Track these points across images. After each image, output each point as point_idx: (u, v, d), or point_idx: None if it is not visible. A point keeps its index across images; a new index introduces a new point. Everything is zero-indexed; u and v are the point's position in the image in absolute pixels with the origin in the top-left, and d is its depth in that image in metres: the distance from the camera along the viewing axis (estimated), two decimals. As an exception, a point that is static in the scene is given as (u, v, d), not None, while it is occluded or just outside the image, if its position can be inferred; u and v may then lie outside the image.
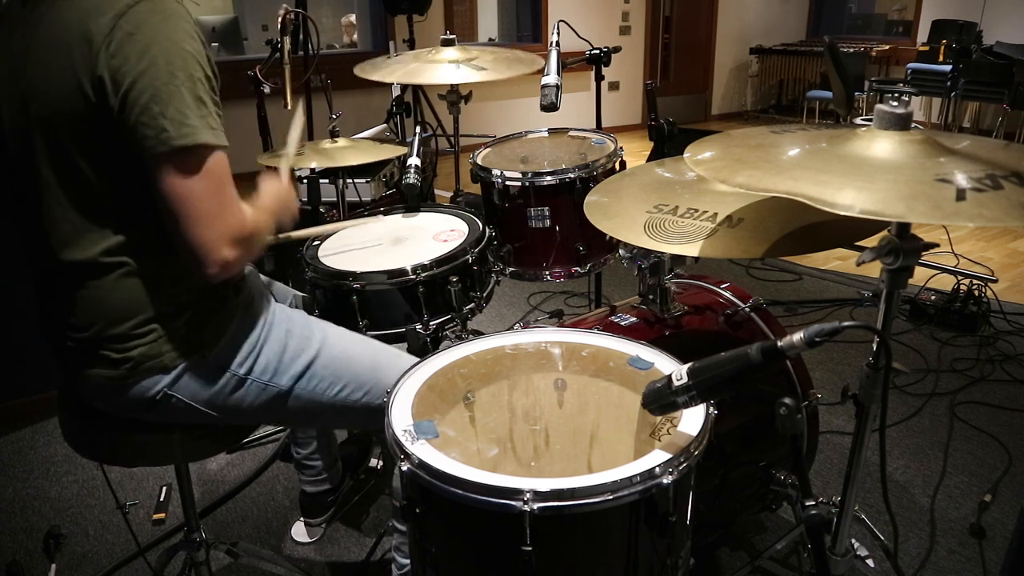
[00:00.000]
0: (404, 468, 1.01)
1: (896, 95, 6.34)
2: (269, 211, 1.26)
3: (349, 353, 1.37)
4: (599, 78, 2.43)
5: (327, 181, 2.69)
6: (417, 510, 1.03)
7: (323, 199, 3.16)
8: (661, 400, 1.01)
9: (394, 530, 1.53)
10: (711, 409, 1.08)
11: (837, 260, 3.94)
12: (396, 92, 3.72)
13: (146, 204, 1.12)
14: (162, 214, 1.09)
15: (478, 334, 1.55)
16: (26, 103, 1.09)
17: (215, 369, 1.24)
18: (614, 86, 7.53)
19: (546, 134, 2.39)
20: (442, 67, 2.33)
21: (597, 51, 2.32)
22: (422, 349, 1.75)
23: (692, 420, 1.07)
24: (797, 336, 0.92)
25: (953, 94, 6.12)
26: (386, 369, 1.37)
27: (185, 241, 1.08)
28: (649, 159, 1.88)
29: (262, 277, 1.63)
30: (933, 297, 3.15)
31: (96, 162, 1.10)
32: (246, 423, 1.40)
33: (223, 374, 1.25)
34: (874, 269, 1.40)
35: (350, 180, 3.39)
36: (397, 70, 2.40)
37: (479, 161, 2.12)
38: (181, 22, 1.07)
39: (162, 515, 2.10)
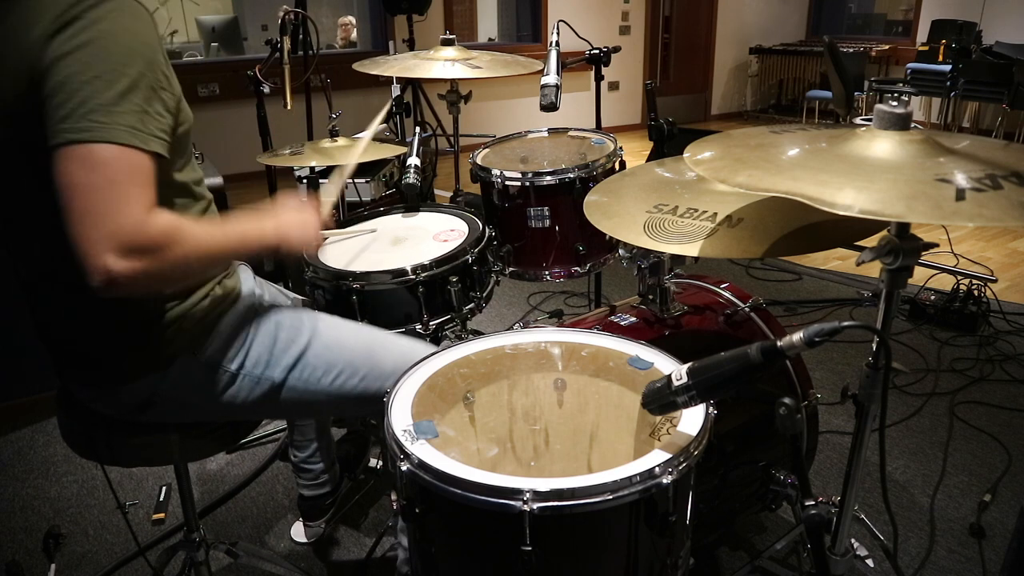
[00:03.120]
0: (404, 468, 1.01)
1: (896, 95, 6.34)
2: (234, 236, 1.13)
3: (341, 340, 1.36)
4: (599, 78, 2.43)
5: (327, 181, 2.69)
6: (417, 510, 1.03)
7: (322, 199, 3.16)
8: (661, 400, 1.01)
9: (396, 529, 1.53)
10: (711, 409, 1.08)
11: (837, 260, 3.94)
12: (396, 92, 3.73)
13: None
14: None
15: (478, 334, 1.55)
16: None
17: (207, 366, 1.24)
18: (614, 86, 7.53)
19: (546, 134, 2.39)
20: (439, 63, 2.33)
21: (597, 51, 2.32)
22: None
23: (692, 420, 1.07)
24: (797, 336, 0.92)
25: (953, 94, 6.12)
26: (381, 353, 1.36)
27: (72, 241, 0.95)
28: (649, 159, 1.88)
29: (256, 278, 1.63)
30: (933, 297, 3.15)
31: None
32: (244, 418, 1.40)
33: (215, 371, 1.25)
34: (874, 269, 1.40)
35: (350, 180, 3.39)
36: (395, 65, 2.41)
37: (479, 161, 2.12)
38: (123, 17, 1.00)
39: (162, 515, 2.10)
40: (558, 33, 2.16)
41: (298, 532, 2.01)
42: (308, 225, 1.26)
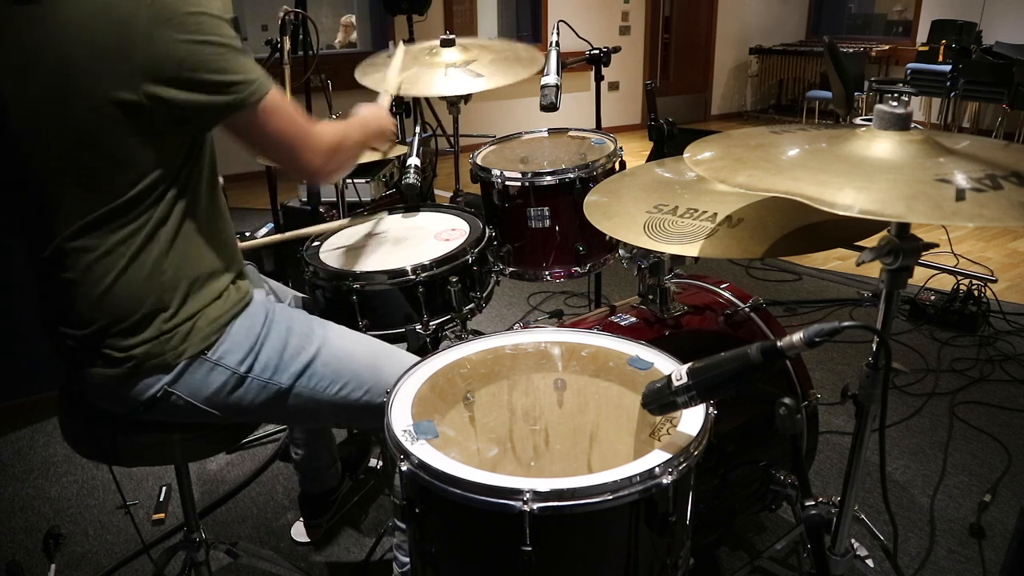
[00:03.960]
0: (404, 468, 1.01)
1: (896, 95, 6.34)
2: (360, 126, 1.45)
3: (349, 352, 1.37)
4: (599, 78, 2.42)
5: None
6: (417, 510, 1.03)
7: (323, 199, 3.17)
8: (661, 400, 1.01)
9: (395, 529, 1.53)
10: (711, 409, 1.08)
11: (837, 260, 3.95)
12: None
13: (158, 190, 1.14)
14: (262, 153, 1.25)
15: (478, 334, 1.55)
16: (48, 99, 1.07)
17: (215, 367, 1.25)
18: (614, 86, 7.53)
19: (546, 134, 2.39)
20: (437, 76, 2.18)
21: (597, 51, 2.32)
22: (422, 349, 1.75)
23: (692, 420, 1.07)
24: (797, 336, 0.92)
25: (953, 94, 6.12)
26: (386, 368, 1.37)
27: (289, 168, 1.26)
28: (649, 159, 1.88)
29: (262, 276, 1.63)
30: (933, 297, 3.15)
31: (131, 149, 1.10)
32: (247, 421, 1.40)
33: (223, 372, 1.25)
34: (874, 269, 1.40)
35: (350, 180, 3.39)
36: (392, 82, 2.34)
37: (479, 161, 2.12)
38: None
39: (162, 515, 2.10)
40: (558, 33, 2.15)
41: (298, 532, 2.01)
42: (386, 116, 1.58)
